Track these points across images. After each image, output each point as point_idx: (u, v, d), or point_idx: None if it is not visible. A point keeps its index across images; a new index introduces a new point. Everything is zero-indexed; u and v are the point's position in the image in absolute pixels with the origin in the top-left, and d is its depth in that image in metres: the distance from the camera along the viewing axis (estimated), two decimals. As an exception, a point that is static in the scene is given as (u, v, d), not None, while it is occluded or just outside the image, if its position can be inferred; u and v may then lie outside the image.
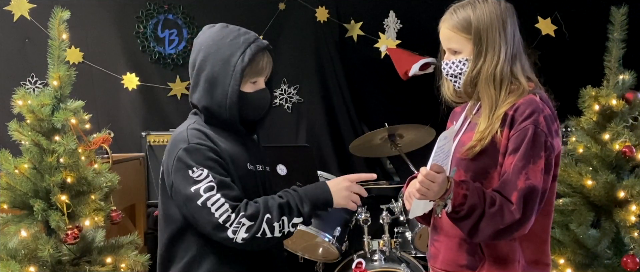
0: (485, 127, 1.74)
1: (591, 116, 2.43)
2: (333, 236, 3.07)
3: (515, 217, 1.65)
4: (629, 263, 2.25)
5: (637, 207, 2.28)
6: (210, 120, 1.85)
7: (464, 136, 1.83)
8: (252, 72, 1.83)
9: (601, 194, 2.32)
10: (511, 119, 1.73)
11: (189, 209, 1.72)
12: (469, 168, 1.75)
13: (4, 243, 2.28)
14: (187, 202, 1.72)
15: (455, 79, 1.83)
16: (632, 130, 2.39)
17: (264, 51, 1.86)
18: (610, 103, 2.38)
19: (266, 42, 1.87)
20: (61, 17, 2.32)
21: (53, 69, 2.34)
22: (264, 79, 1.89)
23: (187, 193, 1.71)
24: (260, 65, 1.84)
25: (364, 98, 4.56)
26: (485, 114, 1.76)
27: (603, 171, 2.33)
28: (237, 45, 1.82)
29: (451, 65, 1.82)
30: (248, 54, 1.81)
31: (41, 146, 2.30)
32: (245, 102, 1.84)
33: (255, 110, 1.90)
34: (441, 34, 1.84)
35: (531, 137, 1.69)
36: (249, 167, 1.86)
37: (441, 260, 1.84)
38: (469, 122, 1.86)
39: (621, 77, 2.42)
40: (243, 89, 1.83)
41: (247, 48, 1.82)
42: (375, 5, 4.56)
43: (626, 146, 2.32)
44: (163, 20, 4.34)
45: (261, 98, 1.89)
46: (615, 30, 2.39)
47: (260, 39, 1.87)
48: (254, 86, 1.87)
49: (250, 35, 1.86)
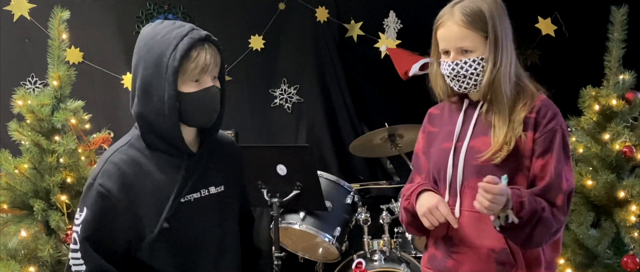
0: (507, 131, 1.68)
1: (591, 116, 2.43)
2: (333, 236, 3.07)
3: (563, 221, 1.65)
4: (629, 263, 2.24)
5: (637, 207, 2.28)
6: (148, 133, 1.61)
7: (476, 140, 1.73)
8: (190, 69, 1.55)
9: (601, 194, 2.31)
10: (534, 121, 1.70)
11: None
12: (493, 174, 1.61)
13: (4, 243, 2.28)
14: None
15: (466, 80, 1.70)
16: (632, 131, 2.38)
17: (203, 43, 1.57)
18: (610, 103, 2.38)
19: (204, 33, 1.59)
20: (61, 17, 2.32)
21: (53, 69, 2.34)
22: (210, 75, 1.59)
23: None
24: (199, 60, 1.55)
25: (364, 98, 4.56)
26: (503, 117, 1.69)
27: (603, 171, 2.33)
28: (168, 41, 1.55)
29: (463, 66, 1.68)
30: (180, 49, 1.53)
31: (41, 146, 2.30)
32: (187, 105, 1.57)
33: (202, 114, 1.61)
34: (448, 32, 1.70)
35: (561, 139, 1.69)
36: (182, 201, 1.60)
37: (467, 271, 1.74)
38: (473, 125, 1.75)
39: (621, 77, 2.42)
40: (184, 90, 1.56)
41: (179, 43, 1.54)
42: (375, 5, 4.56)
43: (626, 146, 2.32)
44: (163, 20, 4.35)
45: (207, 98, 1.59)
46: (615, 30, 2.39)
47: (196, 30, 1.58)
48: (198, 85, 1.57)
49: (184, 28, 1.58)
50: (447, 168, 1.74)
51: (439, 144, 1.80)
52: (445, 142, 1.79)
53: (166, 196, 1.59)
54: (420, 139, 1.90)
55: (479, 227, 1.71)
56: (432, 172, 1.81)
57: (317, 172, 2.96)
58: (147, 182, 1.58)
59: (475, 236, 1.70)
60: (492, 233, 1.68)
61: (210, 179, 1.69)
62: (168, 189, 1.59)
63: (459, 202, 1.72)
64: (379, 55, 4.43)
